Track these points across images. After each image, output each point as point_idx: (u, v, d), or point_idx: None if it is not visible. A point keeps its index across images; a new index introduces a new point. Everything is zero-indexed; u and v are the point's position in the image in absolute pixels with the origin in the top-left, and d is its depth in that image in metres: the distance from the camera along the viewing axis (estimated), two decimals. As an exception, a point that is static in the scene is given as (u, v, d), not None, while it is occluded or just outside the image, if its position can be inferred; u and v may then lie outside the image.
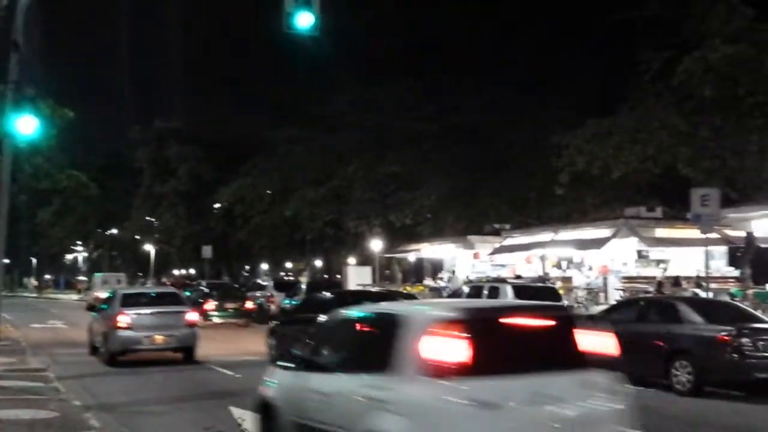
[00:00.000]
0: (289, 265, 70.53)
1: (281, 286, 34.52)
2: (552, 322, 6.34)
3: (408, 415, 5.65)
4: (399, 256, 45.23)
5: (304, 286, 30.08)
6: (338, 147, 43.89)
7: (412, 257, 44.12)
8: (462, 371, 5.53)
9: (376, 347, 6.43)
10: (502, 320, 6.14)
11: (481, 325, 5.84)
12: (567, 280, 31.75)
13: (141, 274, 71.99)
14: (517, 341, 5.99)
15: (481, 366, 5.55)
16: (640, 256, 31.25)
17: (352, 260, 49.32)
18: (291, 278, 48.31)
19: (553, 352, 6.06)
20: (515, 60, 45.45)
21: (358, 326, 7.28)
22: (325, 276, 51.55)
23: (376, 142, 41.96)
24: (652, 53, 27.95)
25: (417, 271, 44.83)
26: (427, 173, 41.29)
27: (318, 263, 59.52)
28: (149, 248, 65.48)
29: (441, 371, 5.57)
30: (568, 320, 6.44)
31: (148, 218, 64.21)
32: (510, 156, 39.26)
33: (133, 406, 11.60)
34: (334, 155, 44.30)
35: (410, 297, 26.07)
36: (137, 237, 67.56)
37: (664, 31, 27.86)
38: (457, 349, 5.58)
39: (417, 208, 42.56)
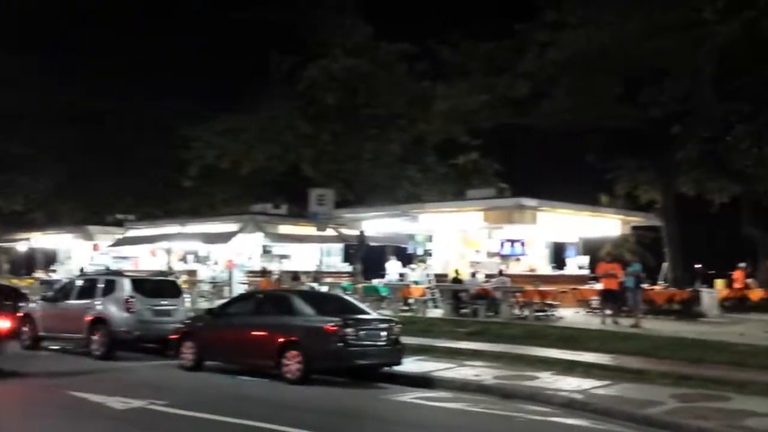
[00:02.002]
0: None
1: None
2: None
3: None
4: (6, 246, 40.84)
5: None
6: None
7: (22, 247, 40.13)
8: None
9: None
10: None
11: None
12: (192, 273, 31.51)
13: None
14: None
15: None
16: (265, 251, 32.28)
17: (-54, 249, 42.97)
18: None
19: None
20: (144, 48, 43.31)
21: None
22: None
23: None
24: (282, 56, 29.13)
25: (28, 262, 40.94)
26: (39, 155, 37.03)
27: None
28: None
29: None
30: None
31: None
32: (134, 144, 37.42)
33: None
34: None
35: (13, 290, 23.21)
36: None
37: (295, 37, 29.23)
38: None
39: (29, 194, 38.56)
